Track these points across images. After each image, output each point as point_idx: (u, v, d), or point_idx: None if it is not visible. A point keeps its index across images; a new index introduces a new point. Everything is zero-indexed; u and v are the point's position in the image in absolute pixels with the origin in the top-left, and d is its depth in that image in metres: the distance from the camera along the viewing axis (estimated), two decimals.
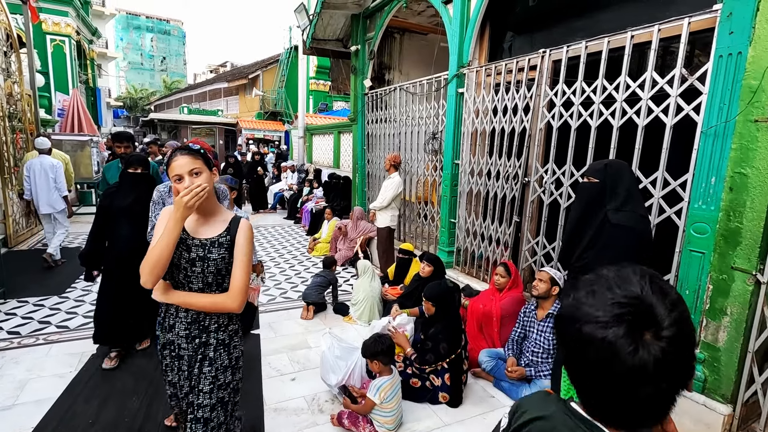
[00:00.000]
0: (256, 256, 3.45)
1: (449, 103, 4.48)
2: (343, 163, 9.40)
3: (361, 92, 6.57)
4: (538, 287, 2.99)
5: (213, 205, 1.66)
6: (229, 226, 1.65)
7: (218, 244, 1.60)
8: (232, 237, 1.62)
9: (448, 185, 4.53)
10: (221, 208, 1.71)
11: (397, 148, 5.75)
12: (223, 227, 1.64)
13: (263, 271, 3.56)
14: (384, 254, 5.41)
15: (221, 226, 1.65)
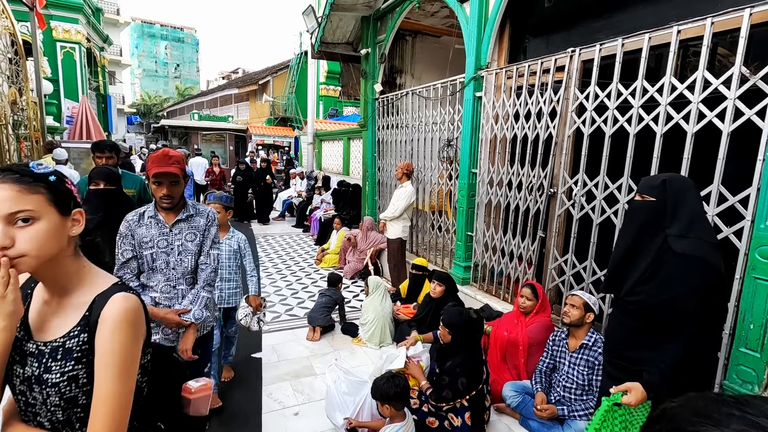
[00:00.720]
0: (255, 284, 3.06)
1: (466, 108, 4.18)
2: (352, 170, 9.14)
3: (371, 97, 6.31)
4: (570, 314, 2.66)
5: (70, 273, 0.93)
6: (88, 313, 0.91)
7: (63, 353, 0.89)
8: (90, 335, 0.90)
9: (465, 196, 4.22)
10: (88, 276, 0.96)
11: (409, 156, 5.46)
12: (79, 316, 0.91)
13: (265, 308, 3.18)
14: (395, 267, 5.11)
15: (75, 314, 0.92)
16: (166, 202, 1.90)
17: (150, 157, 1.90)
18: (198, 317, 1.96)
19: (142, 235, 1.92)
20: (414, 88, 5.23)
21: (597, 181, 2.93)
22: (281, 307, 4.61)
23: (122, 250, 1.92)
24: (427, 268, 4.18)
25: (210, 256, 2.03)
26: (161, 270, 1.96)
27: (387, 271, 5.76)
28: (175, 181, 1.90)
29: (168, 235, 1.95)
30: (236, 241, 2.96)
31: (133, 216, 1.95)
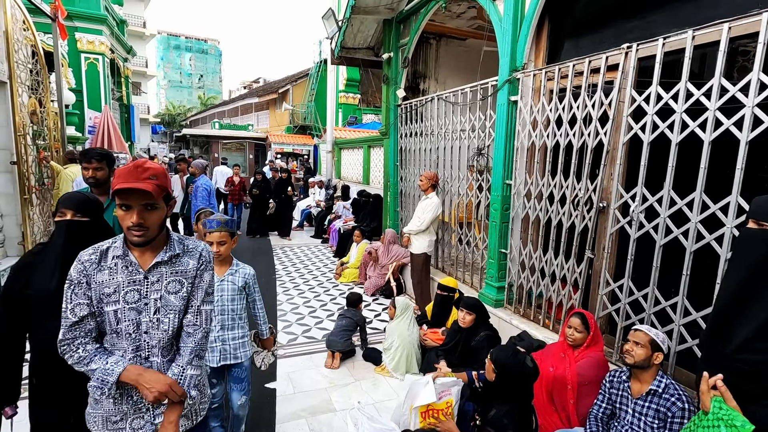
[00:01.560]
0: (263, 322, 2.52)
1: (499, 114, 3.83)
2: (373, 179, 8.85)
3: (393, 103, 6.01)
4: (634, 353, 2.25)
5: None
6: None
7: None
8: None
9: (498, 209, 3.85)
10: None
11: (435, 165, 5.12)
12: None
13: (275, 345, 2.66)
14: (419, 284, 4.75)
15: None
16: (137, 235, 1.31)
17: (116, 171, 1.35)
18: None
19: (102, 284, 1.33)
20: (440, 93, 4.90)
21: (661, 195, 2.52)
22: (298, 328, 4.31)
23: (73, 305, 1.31)
24: (456, 288, 3.81)
25: (201, 315, 1.45)
26: (128, 335, 1.36)
27: (410, 287, 5.40)
28: (150, 205, 1.31)
29: (141, 284, 1.37)
30: (242, 277, 2.32)
31: (90, 255, 1.34)
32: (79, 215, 1.76)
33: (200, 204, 5.90)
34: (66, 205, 1.76)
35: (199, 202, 5.88)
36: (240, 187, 9.11)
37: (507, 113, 3.73)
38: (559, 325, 3.31)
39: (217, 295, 2.21)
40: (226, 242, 2.24)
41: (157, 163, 1.41)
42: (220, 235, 2.22)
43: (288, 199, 9.14)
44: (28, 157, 5.94)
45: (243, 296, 2.35)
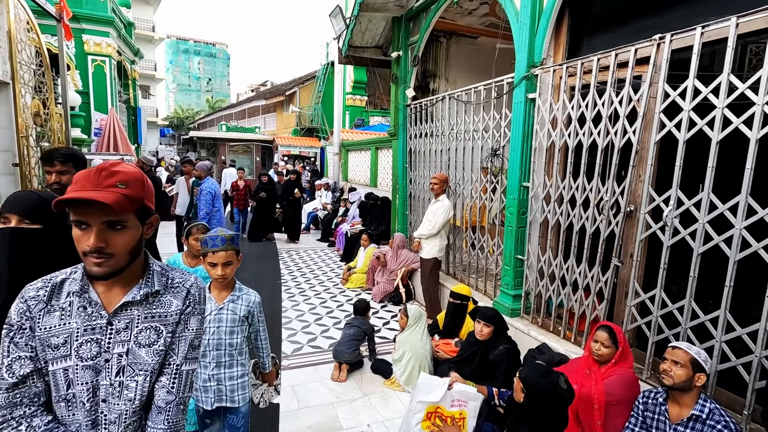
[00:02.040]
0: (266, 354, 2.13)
1: (516, 112, 3.63)
2: (380, 181, 8.67)
3: (402, 103, 5.83)
4: (673, 373, 2.04)
5: None
6: None
7: None
8: None
9: (515, 213, 3.64)
10: None
11: (446, 167, 4.92)
12: None
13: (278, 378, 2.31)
14: (428, 291, 4.55)
15: None
16: (97, 263, 0.94)
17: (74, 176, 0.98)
18: None
19: (50, 331, 0.97)
20: (452, 91, 4.71)
21: (699, 199, 2.31)
22: (303, 337, 4.12)
23: (11, 360, 0.94)
24: (470, 296, 3.60)
25: (181, 378, 1.06)
26: (82, 404, 0.98)
27: (420, 293, 5.20)
28: (115, 223, 0.95)
29: (102, 332, 0.99)
30: (245, 306, 1.94)
31: (38, 290, 0.98)
32: (28, 221, 1.32)
33: (204, 208, 5.75)
34: (9, 208, 1.31)
35: (203, 206, 5.74)
36: (245, 191, 8.74)
37: (524, 112, 3.53)
38: (582, 338, 3.09)
39: (213, 326, 1.89)
40: (232, 263, 1.90)
41: (132, 166, 1.04)
42: (226, 255, 1.86)
43: (296, 202, 8.77)
44: (31, 159, 5.85)
45: (245, 328, 1.96)
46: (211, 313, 1.90)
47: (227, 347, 1.91)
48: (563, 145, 3.24)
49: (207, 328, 1.88)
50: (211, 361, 1.90)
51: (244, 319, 1.94)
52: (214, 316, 1.90)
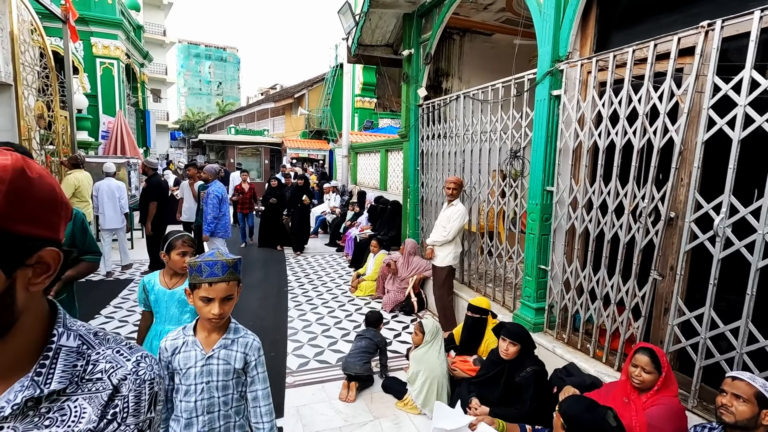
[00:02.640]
0: (267, 425, 1.57)
1: (538, 111, 3.36)
2: (390, 185, 8.43)
3: (414, 103, 5.59)
4: (735, 409, 1.76)
5: None
6: None
7: None
8: None
9: (537, 220, 3.37)
10: None
11: (460, 170, 4.67)
12: None
13: None
14: (441, 301, 4.28)
15: None
16: None
17: None
18: None
19: None
20: (467, 90, 4.45)
21: (759, 205, 2.02)
22: (310, 350, 3.89)
23: None
24: (489, 309, 3.33)
25: None
26: None
27: (432, 303, 4.94)
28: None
29: None
30: (241, 352, 1.53)
31: None
32: None
33: (211, 212, 5.56)
34: None
35: (210, 210, 5.54)
36: (250, 195, 8.31)
37: (547, 110, 3.26)
38: (615, 357, 2.81)
39: (201, 381, 1.47)
40: (233, 297, 1.48)
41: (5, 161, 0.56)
42: (227, 288, 1.44)
43: (304, 209, 8.04)
44: None
45: (241, 381, 1.55)
46: (196, 364, 1.47)
47: (221, 407, 1.50)
48: (592, 145, 2.97)
49: (192, 385, 1.48)
50: (201, 430, 1.48)
51: (241, 371, 1.53)
52: (202, 368, 1.47)
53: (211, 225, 5.56)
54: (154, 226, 5.82)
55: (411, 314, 4.90)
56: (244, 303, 5.09)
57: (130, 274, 6.19)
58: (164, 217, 5.92)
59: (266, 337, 4.09)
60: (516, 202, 3.92)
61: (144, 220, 5.81)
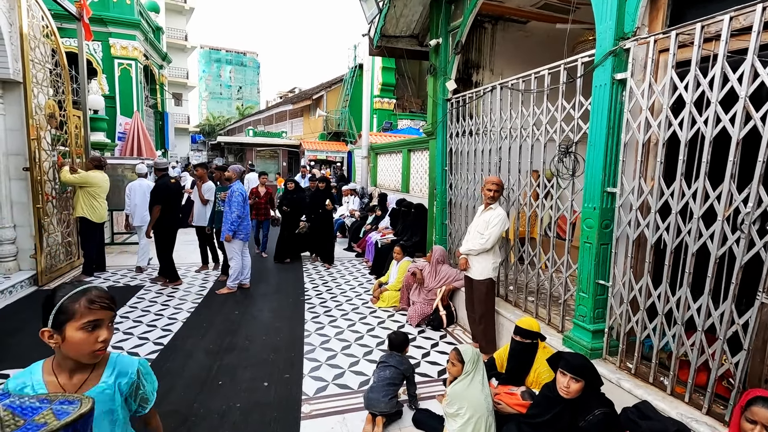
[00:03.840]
0: None
1: (597, 99, 2.86)
2: (413, 186, 7.98)
3: (441, 98, 5.13)
4: None
5: None
6: None
7: None
8: None
9: (595, 226, 2.86)
10: None
11: (496, 169, 4.18)
12: None
13: None
14: (482, 318, 3.77)
15: None
16: None
17: None
18: None
19: None
20: (506, 79, 3.97)
21: None
22: (328, 371, 3.46)
23: None
24: (539, 333, 2.84)
25: None
26: None
27: (464, 317, 4.46)
28: None
29: None
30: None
31: None
32: None
33: (234, 209, 5.21)
34: None
35: (234, 208, 5.20)
36: (266, 199, 7.34)
37: (610, 97, 2.76)
38: (702, 397, 2.28)
39: None
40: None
41: None
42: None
43: (327, 215, 7.03)
44: (43, 163, 5.49)
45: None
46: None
47: None
48: (669, 138, 2.46)
49: None
50: None
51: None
52: None
53: (234, 224, 5.23)
54: (160, 230, 5.49)
55: (439, 329, 4.43)
56: (256, 314, 4.71)
57: (141, 279, 5.90)
58: (173, 221, 5.60)
59: (281, 356, 3.69)
60: (551, 205, 3.43)
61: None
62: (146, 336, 4.01)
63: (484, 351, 3.72)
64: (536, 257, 3.67)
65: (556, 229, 3.59)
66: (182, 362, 3.52)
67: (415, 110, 20.48)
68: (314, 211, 6.96)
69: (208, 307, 4.90)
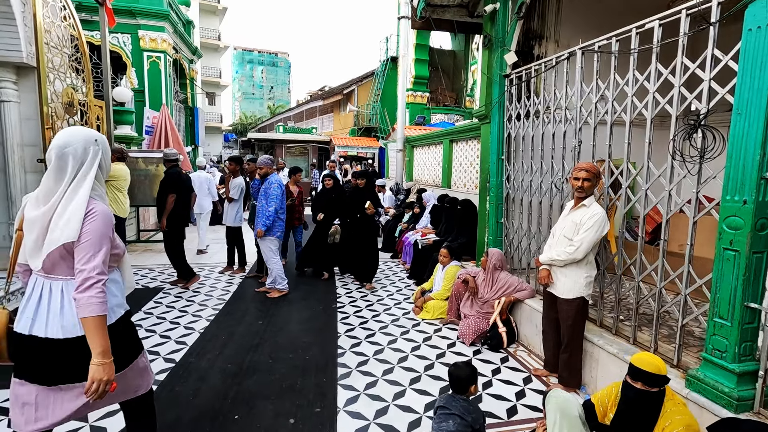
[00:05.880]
0: None
1: (751, 48, 2.03)
2: (455, 181, 7.21)
3: (498, 74, 4.35)
4: None
5: None
6: None
7: None
8: None
9: (746, 227, 2.04)
10: None
11: (572, 157, 3.38)
12: None
13: None
14: (568, 347, 2.93)
15: None
16: None
17: None
18: None
19: None
20: (590, 42, 3.15)
21: None
22: (368, 405, 2.77)
23: None
24: (666, 376, 2.04)
25: None
26: None
27: (528, 337, 3.70)
28: None
29: None
30: None
31: None
32: None
33: (272, 203, 4.65)
34: None
35: (271, 201, 4.65)
36: (300, 200, 6.13)
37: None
38: None
39: None
40: None
41: None
42: None
43: (367, 221, 5.44)
44: None
45: None
46: None
47: None
48: None
49: None
50: None
51: None
52: None
53: (270, 219, 4.67)
54: (171, 223, 5.00)
55: (499, 349, 3.67)
56: (282, 325, 4.11)
57: (161, 282, 5.44)
58: (184, 212, 5.12)
59: (310, 381, 3.05)
60: (637, 199, 2.63)
61: (161, 215, 5.00)
62: (157, 350, 3.47)
63: (566, 383, 2.94)
64: (634, 265, 2.84)
65: (644, 228, 2.78)
66: (194, 386, 2.94)
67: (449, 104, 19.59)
68: (351, 214, 5.61)
69: (230, 315, 4.35)
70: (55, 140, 1.55)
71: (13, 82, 4.84)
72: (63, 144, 1.53)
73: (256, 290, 5.12)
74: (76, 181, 1.53)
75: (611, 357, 2.79)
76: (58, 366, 1.50)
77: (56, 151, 1.51)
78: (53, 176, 1.52)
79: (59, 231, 1.46)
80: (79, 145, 1.54)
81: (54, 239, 1.46)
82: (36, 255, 1.50)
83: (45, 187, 1.53)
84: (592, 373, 2.97)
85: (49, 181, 1.52)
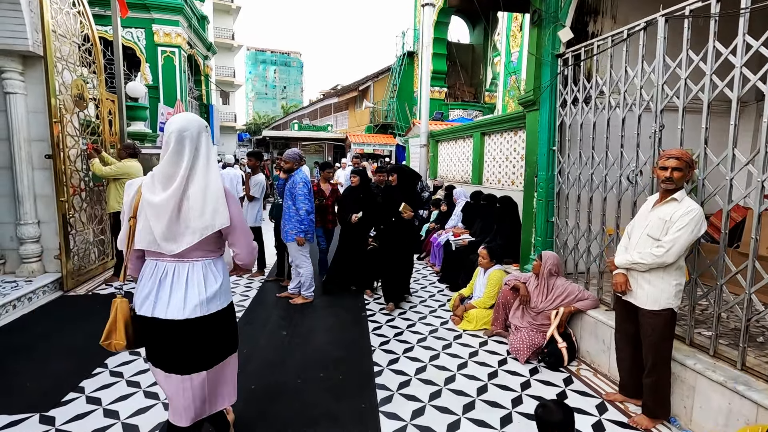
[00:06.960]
0: None
1: None
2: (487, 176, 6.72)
3: (549, 53, 3.86)
4: None
5: None
6: None
7: None
8: None
9: None
10: None
11: (647, 147, 2.88)
12: None
13: None
14: (654, 369, 2.42)
15: None
16: None
17: None
18: None
19: None
20: (671, 9, 2.64)
21: None
22: None
23: None
24: None
25: None
26: None
27: (591, 352, 3.21)
28: None
29: None
30: None
31: None
32: None
33: (303, 204, 4.16)
34: None
35: (302, 202, 4.18)
36: (333, 200, 5.20)
37: None
38: None
39: None
40: None
41: None
42: None
43: (404, 227, 4.45)
44: (68, 150, 4.79)
45: None
46: None
47: None
48: None
49: None
50: None
51: None
52: None
53: (303, 223, 4.21)
54: None
55: (558, 368, 3.19)
56: (309, 336, 3.69)
57: None
58: None
59: (346, 407, 2.62)
60: (716, 191, 2.11)
61: None
62: None
63: (652, 414, 2.46)
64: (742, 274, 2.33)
65: (727, 225, 2.28)
66: None
67: (467, 99, 19.01)
68: (383, 219, 4.55)
69: (250, 324, 3.96)
70: (172, 125, 1.57)
71: (20, 73, 4.53)
72: (182, 128, 1.56)
73: (278, 295, 4.73)
74: (201, 165, 1.57)
75: (714, 385, 2.29)
76: (182, 350, 1.62)
77: (176, 135, 1.54)
78: (173, 159, 1.55)
79: (209, 217, 1.55)
80: (195, 130, 1.58)
81: (207, 225, 1.55)
82: (176, 240, 1.53)
83: (164, 171, 1.55)
84: (685, 402, 2.47)
85: (168, 165, 1.55)
